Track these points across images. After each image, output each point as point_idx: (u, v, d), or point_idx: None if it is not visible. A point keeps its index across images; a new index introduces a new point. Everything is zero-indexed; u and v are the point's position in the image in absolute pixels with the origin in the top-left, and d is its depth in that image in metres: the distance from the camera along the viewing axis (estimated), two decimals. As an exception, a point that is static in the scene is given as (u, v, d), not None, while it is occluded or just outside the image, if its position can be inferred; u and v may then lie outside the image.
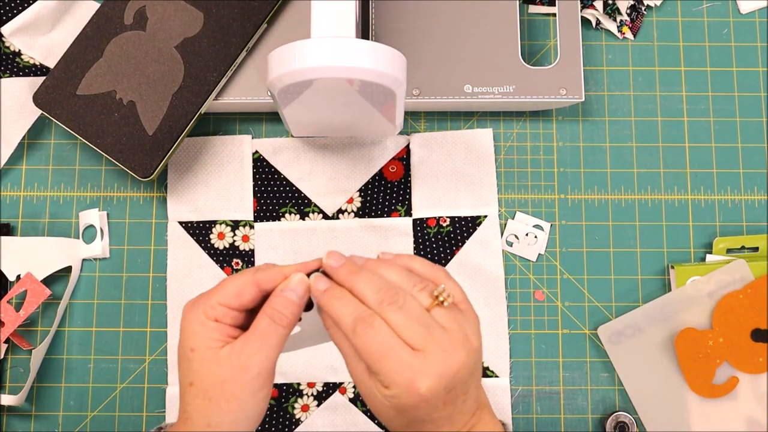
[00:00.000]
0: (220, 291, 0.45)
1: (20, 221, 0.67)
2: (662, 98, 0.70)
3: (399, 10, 0.66)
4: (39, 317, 0.66)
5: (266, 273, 0.46)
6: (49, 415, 0.65)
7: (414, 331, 0.43)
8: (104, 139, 0.63)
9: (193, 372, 0.44)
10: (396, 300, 0.43)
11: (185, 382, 0.45)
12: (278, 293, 0.45)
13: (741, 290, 0.64)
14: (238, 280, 0.46)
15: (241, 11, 0.64)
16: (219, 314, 0.45)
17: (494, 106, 0.67)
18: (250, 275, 0.46)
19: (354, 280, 0.45)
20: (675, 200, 0.68)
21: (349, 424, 0.64)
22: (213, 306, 0.45)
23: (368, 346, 0.43)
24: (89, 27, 0.64)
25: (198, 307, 0.45)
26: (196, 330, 0.45)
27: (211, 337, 0.44)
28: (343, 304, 0.44)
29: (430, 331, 0.43)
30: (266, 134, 0.68)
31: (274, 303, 0.45)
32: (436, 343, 0.43)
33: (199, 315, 0.45)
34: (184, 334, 0.45)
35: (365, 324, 0.43)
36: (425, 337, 0.43)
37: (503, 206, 0.68)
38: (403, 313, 0.43)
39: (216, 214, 0.67)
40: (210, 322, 0.45)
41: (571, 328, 0.66)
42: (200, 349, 0.44)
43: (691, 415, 0.64)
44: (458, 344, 0.43)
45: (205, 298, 0.46)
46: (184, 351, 0.45)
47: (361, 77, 0.52)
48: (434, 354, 0.42)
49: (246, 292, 0.45)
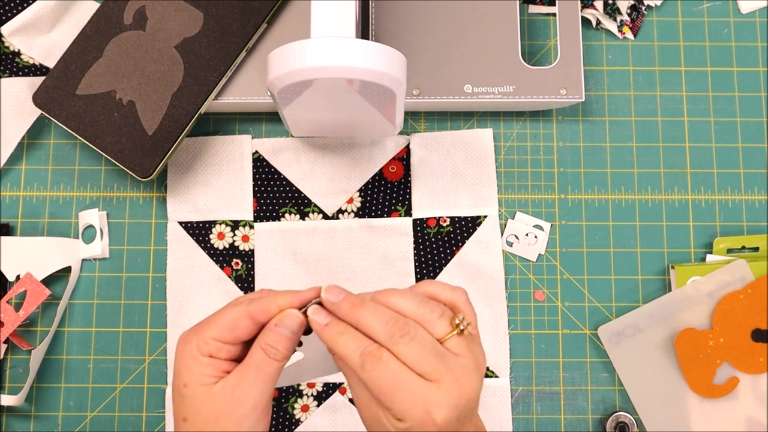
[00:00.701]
0: (213, 325, 0.44)
1: (20, 221, 0.67)
2: (662, 98, 0.70)
3: (399, 10, 0.66)
4: (38, 317, 0.66)
5: (260, 305, 0.44)
6: (48, 416, 0.65)
7: (428, 363, 0.42)
8: (104, 139, 0.63)
9: (186, 407, 0.44)
10: (407, 332, 0.42)
11: (179, 417, 0.44)
12: (271, 327, 0.44)
13: (741, 290, 0.64)
14: (231, 313, 0.44)
15: (241, 11, 0.64)
16: (213, 349, 0.44)
17: (494, 106, 0.67)
18: (244, 307, 0.44)
19: (359, 314, 0.43)
20: (675, 200, 0.68)
21: (349, 424, 0.64)
22: (206, 341, 0.44)
23: (378, 381, 0.42)
24: (89, 27, 0.64)
25: (191, 341, 0.44)
26: (190, 365, 0.44)
27: (204, 373, 0.43)
28: (348, 339, 0.43)
29: (444, 360, 0.42)
30: (266, 134, 0.68)
31: (267, 338, 0.44)
32: (450, 373, 0.42)
33: (192, 350, 0.44)
34: (177, 369, 0.44)
35: (374, 358, 0.42)
36: (439, 368, 0.42)
37: (503, 206, 0.68)
38: (416, 345, 0.42)
39: (216, 214, 0.67)
40: (203, 357, 0.44)
41: (572, 329, 0.66)
42: (193, 385, 0.44)
43: (691, 415, 0.64)
44: (471, 372, 0.43)
45: (199, 332, 0.44)
46: (177, 386, 0.44)
47: (361, 77, 0.52)
48: (448, 385, 0.42)
49: (240, 326, 0.44)
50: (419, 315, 0.44)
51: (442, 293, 0.46)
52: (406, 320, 0.43)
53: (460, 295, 0.46)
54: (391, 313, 0.43)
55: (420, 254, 0.66)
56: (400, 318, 0.43)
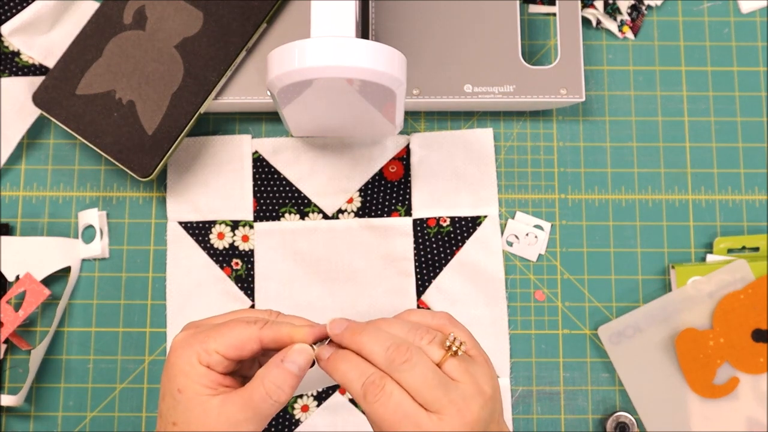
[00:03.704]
0: (219, 338, 0.43)
1: (19, 221, 0.67)
2: (663, 98, 0.70)
3: (399, 10, 0.66)
4: (38, 317, 0.66)
5: (272, 334, 0.44)
6: (48, 416, 0.65)
7: (429, 392, 0.41)
8: (103, 139, 0.63)
9: (178, 413, 0.43)
10: (409, 358, 0.42)
11: (168, 420, 0.43)
12: (278, 363, 0.43)
13: (742, 290, 0.64)
14: (241, 332, 0.43)
15: (241, 11, 0.64)
16: (213, 362, 0.43)
17: (494, 106, 0.67)
18: (256, 330, 0.44)
19: (359, 340, 0.43)
20: (675, 200, 0.68)
21: (349, 424, 0.64)
22: (209, 352, 0.43)
23: (381, 414, 0.41)
24: (88, 26, 0.64)
25: (192, 346, 0.43)
26: (186, 371, 0.43)
27: (201, 383, 0.43)
28: (350, 367, 0.42)
29: (445, 390, 0.42)
30: (266, 134, 0.68)
31: (273, 376, 0.43)
32: (452, 404, 0.41)
33: (191, 357, 0.43)
34: (171, 370, 0.43)
35: (376, 388, 0.41)
36: (441, 398, 0.41)
37: (503, 206, 0.68)
38: (417, 373, 0.41)
39: (215, 214, 0.67)
40: (201, 367, 0.43)
41: (572, 329, 0.66)
42: (188, 393, 0.43)
43: (691, 415, 0.64)
44: (471, 399, 0.42)
45: (203, 341, 0.43)
46: (170, 388, 0.43)
47: (361, 77, 0.52)
48: (450, 416, 0.41)
49: (247, 348, 0.43)
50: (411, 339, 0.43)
51: (424, 321, 0.45)
52: (408, 345, 0.42)
53: (442, 320, 0.45)
54: (392, 338, 0.43)
55: (420, 254, 0.66)
56: (402, 343, 0.42)
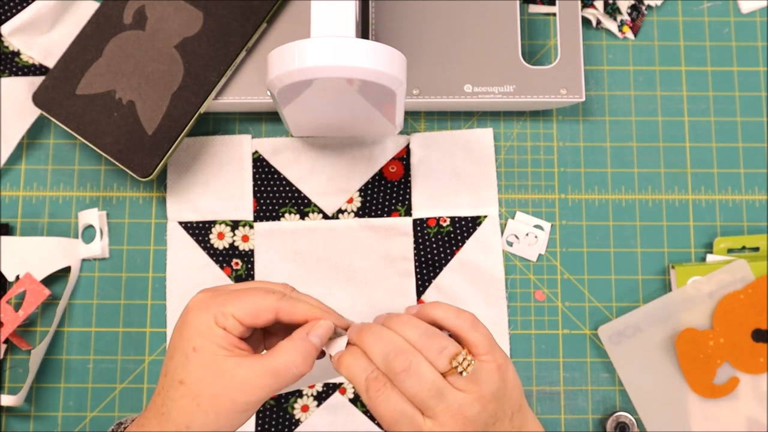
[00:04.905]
0: (237, 303, 0.44)
1: (19, 221, 0.67)
2: (663, 98, 0.70)
3: (399, 10, 0.66)
4: (38, 317, 0.66)
5: (289, 306, 0.45)
6: (48, 416, 0.65)
7: (424, 402, 0.43)
8: (103, 139, 0.63)
9: (189, 372, 0.43)
10: (407, 367, 0.42)
11: (175, 378, 0.44)
12: (304, 336, 0.44)
13: (742, 290, 0.64)
14: (260, 301, 0.44)
15: (241, 11, 0.64)
16: (229, 325, 0.44)
17: (494, 106, 0.67)
18: (274, 301, 0.45)
19: (362, 339, 0.44)
20: (675, 200, 0.68)
21: (349, 424, 0.64)
22: (226, 315, 0.44)
23: (381, 410, 0.43)
24: (88, 26, 0.64)
25: (209, 308, 0.44)
26: (203, 331, 0.44)
27: (217, 344, 0.43)
28: (352, 362, 0.44)
29: (440, 398, 0.43)
30: (266, 134, 0.68)
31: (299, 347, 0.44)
32: (447, 410, 0.42)
33: (209, 318, 0.44)
34: (187, 330, 0.44)
35: (378, 384, 0.43)
36: (435, 406, 0.42)
37: (503, 206, 0.68)
38: (413, 383, 0.42)
39: (215, 214, 0.67)
40: (218, 328, 0.44)
41: (572, 329, 0.66)
42: (203, 352, 0.43)
43: (691, 415, 0.64)
44: (468, 405, 0.43)
45: (220, 303, 0.44)
46: (183, 348, 0.44)
47: (361, 77, 0.52)
48: (443, 421, 0.42)
49: (263, 316, 0.44)
50: (421, 345, 0.44)
51: (447, 320, 0.46)
52: (408, 351, 0.43)
53: (465, 321, 0.46)
54: (393, 342, 0.44)
55: (420, 254, 0.66)
56: (402, 349, 0.43)
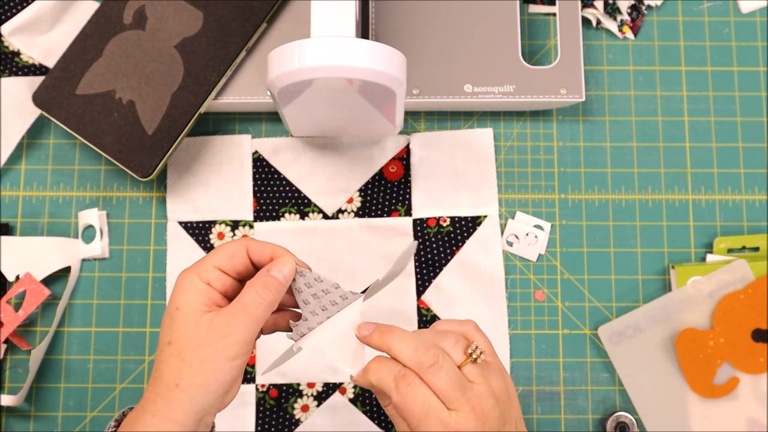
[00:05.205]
0: (214, 254, 0.47)
1: (19, 221, 0.67)
2: (663, 98, 0.70)
3: (399, 10, 0.66)
4: (38, 317, 0.66)
5: (257, 245, 0.48)
6: (48, 416, 0.65)
7: (451, 392, 0.46)
8: (103, 139, 0.63)
9: (174, 331, 0.45)
10: (435, 361, 0.46)
11: (164, 340, 0.46)
12: (265, 273, 0.47)
13: (742, 290, 0.64)
14: (232, 245, 0.48)
15: (241, 11, 0.64)
16: (212, 278, 0.46)
17: (494, 106, 0.67)
18: (243, 241, 0.48)
19: (389, 340, 0.47)
20: (675, 200, 0.68)
21: (349, 424, 0.64)
22: (207, 269, 0.46)
23: (412, 405, 0.46)
24: (88, 26, 0.64)
25: (193, 269, 0.47)
26: (185, 288, 0.46)
27: (199, 300, 0.46)
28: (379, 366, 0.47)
29: (463, 390, 0.46)
30: (266, 134, 0.68)
31: (260, 280, 0.46)
32: (468, 403, 0.46)
33: (192, 277, 0.46)
34: (173, 295, 0.47)
35: (407, 380, 0.46)
36: (459, 397, 0.46)
37: (503, 206, 0.68)
38: (442, 375, 0.46)
39: (216, 214, 0.67)
40: (201, 283, 0.46)
41: (572, 329, 0.66)
42: (185, 309, 0.45)
43: (691, 415, 0.64)
44: (483, 399, 0.46)
45: (200, 263, 0.47)
46: (170, 310, 0.46)
47: (361, 77, 0.52)
48: (465, 413, 0.46)
49: (238, 255, 0.47)
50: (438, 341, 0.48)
51: (452, 327, 0.50)
52: (435, 347, 0.47)
53: (469, 327, 0.50)
54: (419, 340, 0.47)
55: (420, 254, 0.66)
56: (429, 345, 0.47)
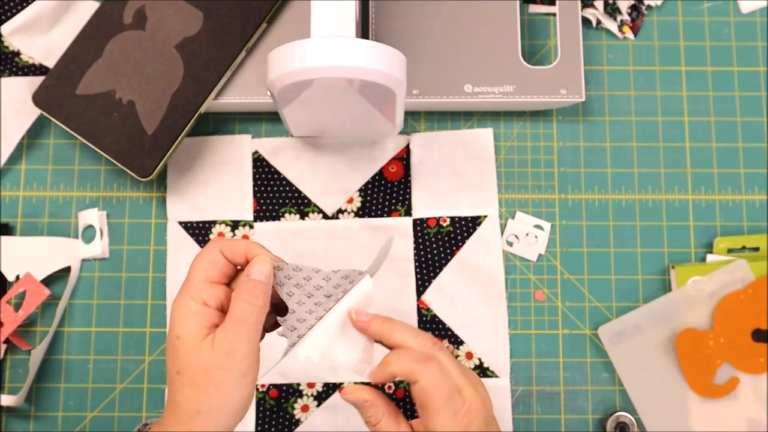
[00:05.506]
0: (194, 270, 0.47)
1: (19, 221, 0.67)
2: (663, 98, 0.70)
3: (399, 10, 0.66)
4: (38, 317, 0.66)
5: (229, 243, 0.47)
6: (48, 416, 0.65)
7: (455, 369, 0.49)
8: (103, 139, 0.63)
9: (179, 360, 0.45)
10: (435, 341, 0.50)
11: (173, 370, 0.46)
12: (246, 278, 0.46)
13: (742, 290, 0.64)
14: (205, 252, 0.47)
15: (241, 11, 0.64)
16: (205, 295, 0.46)
17: (494, 106, 0.67)
18: (217, 244, 0.48)
19: (391, 329, 0.50)
20: (675, 200, 0.68)
21: (349, 424, 0.64)
22: (197, 287, 0.46)
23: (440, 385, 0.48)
24: (89, 27, 0.64)
25: (183, 293, 0.46)
26: (183, 315, 0.46)
27: (198, 324, 0.45)
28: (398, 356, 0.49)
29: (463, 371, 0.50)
30: (266, 134, 0.68)
31: (245, 288, 0.46)
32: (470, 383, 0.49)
33: (186, 300, 0.46)
34: (172, 323, 0.46)
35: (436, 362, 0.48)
36: (461, 377, 0.49)
37: (503, 206, 0.68)
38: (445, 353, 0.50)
39: (216, 214, 0.67)
40: (197, 305, 0.46)
41: (572, 329, 0.66)
42: (186, 336, 0.45)
43: (691, 415, 0.64)
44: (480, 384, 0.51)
45: (187, 284, 0.47)
46: (171, 339, 0.46)
47: (361, 77, 0.52)
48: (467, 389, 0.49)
49: (217, 260, 0.47)
50: None
51: None
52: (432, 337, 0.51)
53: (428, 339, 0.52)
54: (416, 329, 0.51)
55: (420, 254, 0.66)
56: (426, 333, 0.51)
